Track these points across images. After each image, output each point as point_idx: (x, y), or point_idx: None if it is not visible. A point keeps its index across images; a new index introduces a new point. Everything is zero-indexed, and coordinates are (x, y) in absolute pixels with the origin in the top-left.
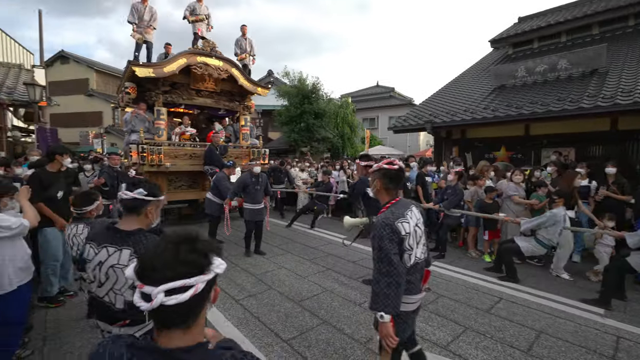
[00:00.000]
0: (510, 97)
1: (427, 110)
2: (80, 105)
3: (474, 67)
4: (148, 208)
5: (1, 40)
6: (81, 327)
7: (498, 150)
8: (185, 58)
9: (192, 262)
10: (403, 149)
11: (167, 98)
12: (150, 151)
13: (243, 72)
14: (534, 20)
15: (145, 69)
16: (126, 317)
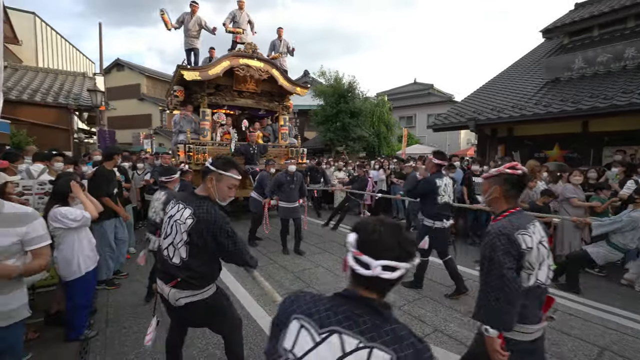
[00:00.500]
0: (565, 91)
1: (470, 106)
2: (132, 108)
3: (523, 60)
4: (208, 177)
5: (68, 51)
6: (138, 313)
7: (550, 148)
8: (228, 60)
9: (409, 252)
10: (442, 148)
11: (211, 100)
12: (196, 150)
13: (283, 73)
14: (594, 5)
15: (192, 72)
16: (177, 276)
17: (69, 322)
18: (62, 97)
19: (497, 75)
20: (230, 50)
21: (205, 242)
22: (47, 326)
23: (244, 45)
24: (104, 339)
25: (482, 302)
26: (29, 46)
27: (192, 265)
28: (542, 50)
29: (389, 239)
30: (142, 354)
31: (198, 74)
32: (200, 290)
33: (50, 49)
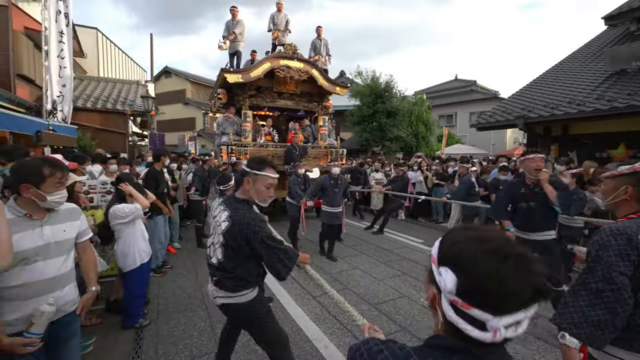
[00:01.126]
0: (633, 84)
1: (519, 103)
2: (178, 112)
3: (581, 51)
4: (245, 179)
5: (124, 61)
6: (185, 305)
7: (614, 148)
8: (269, 62)
9: (546, 293)
10: (486, 148)
11: (252, 101)
12: (238, 152)
13: (322, 73)
14: None
15: (235, 75)
16: (215, 275)
17: (126, 310)
18: (120, 104)
19: (550, 69)
20: (270, 53)
21: (240, 245)
22: (107, 313)
23: (284, 46)
24: (156, 328)
25: (569, 305)
26: (92, 58)
27: (227, 267)
28: (604, 39)
29: (517, 281)
30: (190, 345)
31: (240, 76)
32: (235, 293)
33: (109, 60)
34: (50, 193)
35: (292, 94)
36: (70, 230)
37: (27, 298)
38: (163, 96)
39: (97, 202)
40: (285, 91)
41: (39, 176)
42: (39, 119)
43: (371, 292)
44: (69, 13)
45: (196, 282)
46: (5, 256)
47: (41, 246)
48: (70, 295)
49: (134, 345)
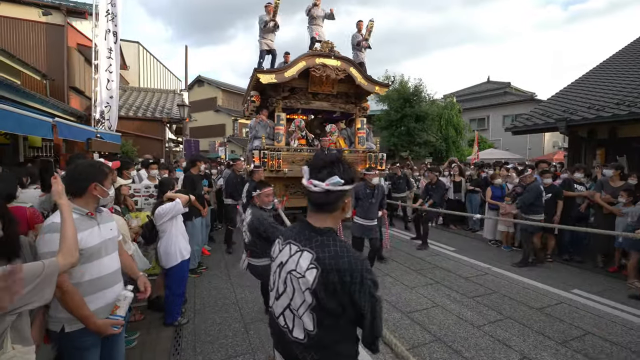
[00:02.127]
0: None
1: (560, 105)
2: (209, 119)
3: (628, 49)
4: (345, 200)
5: (161, 71)
6: (219, 306)
7: None
8: (304, 61)
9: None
10: (522, 153)
11: (286, 103)
12: (271, 156)
13: (361, 71)
14: None
15: (268, 75)
16: (304, 358)
17: (166, 308)
18: (158, 112)
19: (595, 68)
20: (310, 47)
21: (343, 305)
22: (149, 310)
23: (320, 43)
24: (193, 327)
25: None
26: (133, 69)
27: (326, 341)
28: None
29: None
30: (225, 345)
31: (274, 76)
32: None
33: (149, 71)
34: (109, 189)
35: (328, 94)
36: (114, 229)
37: (99, 290)
38: (196, 104)
39: (141, 205)
40: (321, 92)
41: (103, 174)
42: (89, 128)
43: (403, 300)
44: (117, 31)
45: (229, 283)
46: (73, 253)
47: (102, 242)
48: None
49: (174, 342)
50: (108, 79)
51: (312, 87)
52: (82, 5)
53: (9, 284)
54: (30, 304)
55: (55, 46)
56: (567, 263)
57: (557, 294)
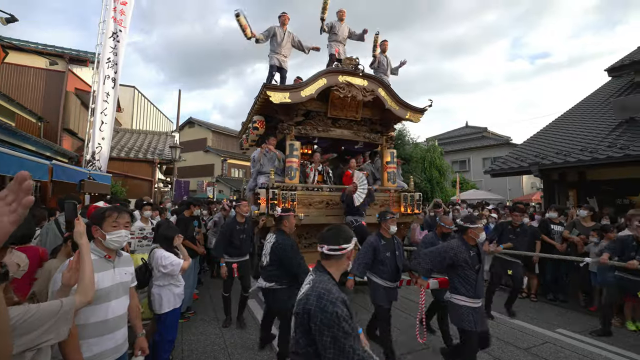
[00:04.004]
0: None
1: (532, 150)
2: (199, 159)
3: (588, 101)
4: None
5: (154, 113)
6: (208, 352)
7: (635, 194)
8: (324, 78)
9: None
10: (502, 194)
11: (300, 130)
12: (282, 197)
13: (392, 92)
14: None
15: (281, 93)
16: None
17: (155, 354)
18: (149, 153)
19: (561, 117)
20: (328, 66)
21: None
22: None
23: (342, 61)
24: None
25: None
26: (127, 112)
27: None
28: (609, 89)
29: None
30: None
31: (288, 95)
32: None
33: (142, 113)
34: (109, 232)
35: (351, 120)
36: (129, 274)
37: (102, 334)
38: (186, 144)
39: (134, 247)
40: (343, 117)
41: (101, 217)
42: (82, 169)
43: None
44: (117, 78)
45: (218, 328)
46: (89, 292)
47: (114, 285)
48: (125, 335)
49: None
50: (102, 121)
51: (333, 111)
52: (85, 53)
53: None
54: (48, 341)
55: (54, 90)
56: (551, 302)
57: (542, 334)
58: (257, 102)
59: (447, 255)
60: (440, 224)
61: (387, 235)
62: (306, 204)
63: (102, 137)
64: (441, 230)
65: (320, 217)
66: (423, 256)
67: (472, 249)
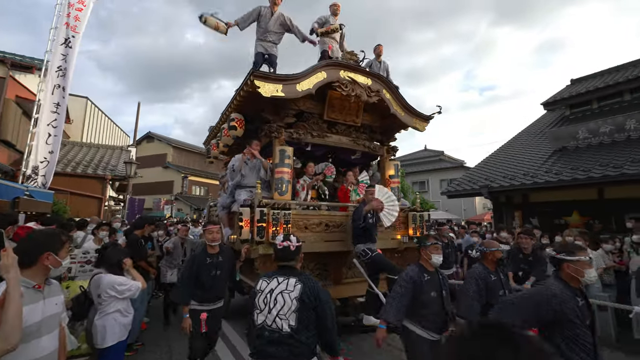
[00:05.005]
0: (574, 160)
1: (482, 174)
2: (156, 175)
3: (529, 130)
4: None
5: (109, 126)
6: None
7: (569, 215)
8: (324, 72)
9: None
10: (458, 214)
11: (291, 134)
12: (274, 219)
13: (398, 96)
14: (589, 81)
15: (273, 84)
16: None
17: None
18: (101, 169)
19: (506, 144)
20: None
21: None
22: None
23: (343, 54)
24: None
25: None
26: (77, 124)
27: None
28: (545, 121)
29: None
30: None
31: (281, 87)
32: None
33: (95, 126)
34: (64, 259)
35: (350, 126)
36: (59, 304)
37: None
38: (144, 159)
39: (75, 273)
40: (342, 121)
41: (59, 243)
42: (17, 185)
43: None
44: (67, 86)
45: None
46: (13, 337)
47: (45, 319)
48: None
49: None
50: (50, 133)
51: (330, 114)
52: (31, 59)
53: None
54: None
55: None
56: None
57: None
58: (238, 96)
59: (549, 306)
60: (489, 250)
61: (429, 268)
62: (301, 226)
63: (50, 151)
64: (494, 257)
65: (318, 244)
66: (503, 310)
67: (578, 295)
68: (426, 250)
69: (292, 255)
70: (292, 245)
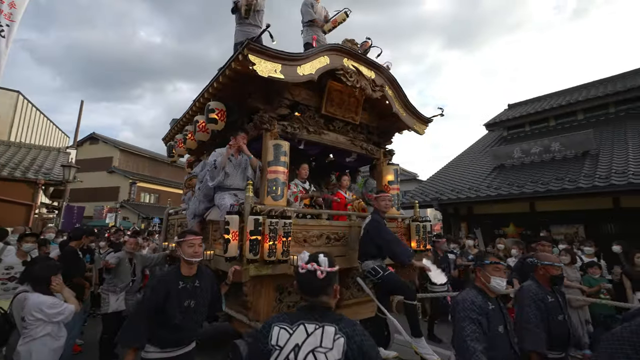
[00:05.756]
0: (510, 176)
1: (433, 187)
2: (100, 181)
3: (473, 148)
4: None
5: (45, 125)
6: None
7: (507, 226)
8: (327, 56)
9: None
10: None
11: (284, 128)
12: (271, 230)
13: (401, 93)
14: (523, 107)
15: (271, 62)
16: None
17: None
18: (32, 172)
19: (454, 160)
20: None
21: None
22: None
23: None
24: None
25: None
26: (5, 120)
27: None
28: (487, 140)
29: None
30: None
31: (280, 67)
32: None
33: (27, 124)
34: None
35: (348, 123)
36: None
37: None
38: (85, 163)
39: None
40: (340, 117)
41: None
42: None
43: None
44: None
45: None
46: None
47: None
48: None
49: None
50: None
51: (329, 108)
52: None
53: None
54: None
55: None
56: None
57: None
58: (221, 77)
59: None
60: (545, 264)
61: (490, 294)
62: (300, 239)
63: None
64: (549, 272)
65: None
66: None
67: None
68: (484, 271)
69: (323, 287)
70: (321, 271)
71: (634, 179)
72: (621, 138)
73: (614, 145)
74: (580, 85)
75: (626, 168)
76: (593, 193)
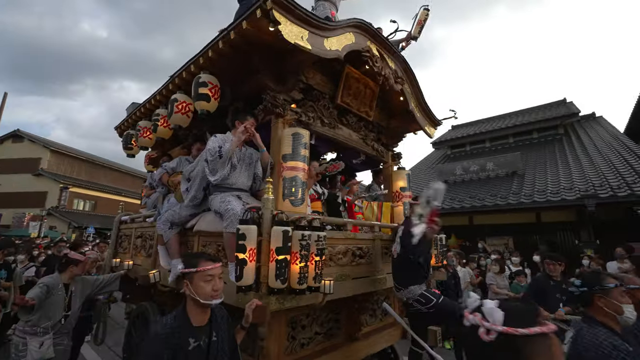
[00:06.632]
0: (453, 191)
1: None
2: (23, 184)
3: (423, 162)
4: None
5: None
6: None
7: (449, 237)
8: (352, 33)
9: None
10: None
11: (298, 116)
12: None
13: (418, 90)
14: (464, 128)
15: (297, 26)
16: None
17: None
18: None
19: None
20: None
21: None
22: None
23: None
24: None
25: None
26: None
27: None
28: (434, 157)
29: None
30: None
31: (307, 34)
32: None
33: None
34: None
35: (361, 119)
36: None
37: None
38: (5, 163)
39: None
40: (355, 110)
41: None
42: None
43: None
44: None
45: None
46: None
47: None
48: None
49: None
50: None
51: (345, 97)
52: None
53: None
54: None
55: None
56: None
57: None
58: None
59: None
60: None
61: (616, 327)
62: (326, 256)
63: None
64: None
65: (346, 284)
66: None
67: None
68: (608, 299)
69: None
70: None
71: (551, 196)
72: (542, 161)
73: (536, 167)
74: (512, 112)
75: (545, 187)
76: (520, 208)
